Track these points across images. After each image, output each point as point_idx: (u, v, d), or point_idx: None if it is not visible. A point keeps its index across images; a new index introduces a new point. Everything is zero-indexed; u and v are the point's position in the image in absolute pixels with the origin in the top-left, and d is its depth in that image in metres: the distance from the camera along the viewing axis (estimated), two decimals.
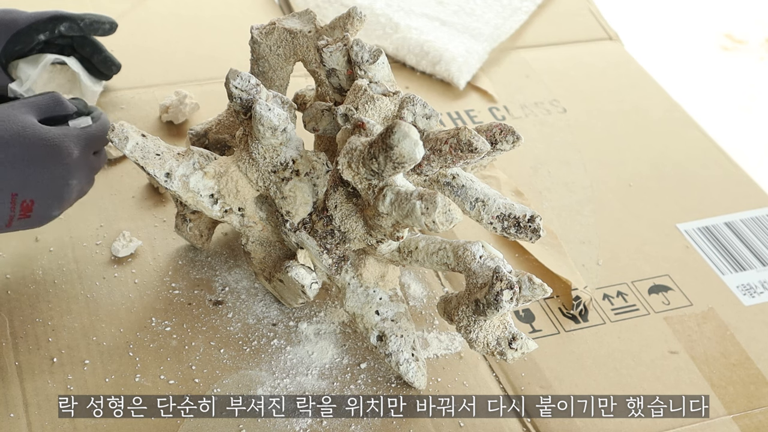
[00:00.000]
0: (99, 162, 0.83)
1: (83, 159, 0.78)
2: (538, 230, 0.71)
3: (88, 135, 0.79)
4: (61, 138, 0.77)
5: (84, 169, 0.79)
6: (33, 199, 0.75)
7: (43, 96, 0.80)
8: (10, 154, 0.74)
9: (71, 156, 0.77)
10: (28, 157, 0.75)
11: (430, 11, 1.23)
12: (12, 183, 0.74)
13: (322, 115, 0.77)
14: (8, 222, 0.76)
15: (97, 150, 0.81)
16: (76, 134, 0.78)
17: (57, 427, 0.71)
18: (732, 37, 2.06)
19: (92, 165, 0.81)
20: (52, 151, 0.76)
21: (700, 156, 1.10)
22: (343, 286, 0.77)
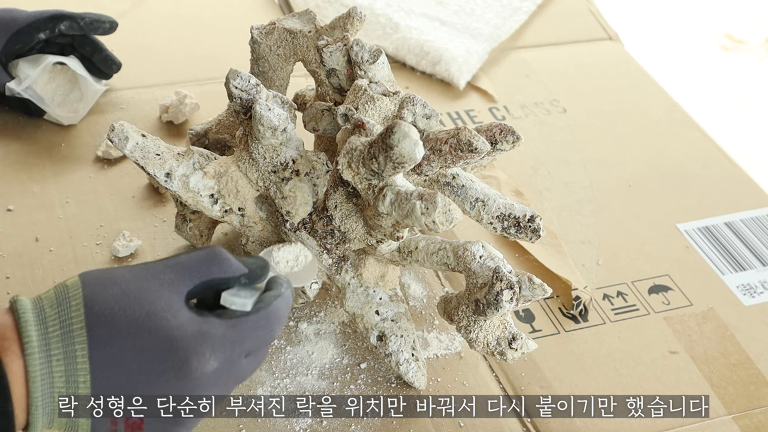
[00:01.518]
0: (252, 366, 0.59)
1: (224, 371, 0.56)
2: (538, 230, 0.71)
3: (239, 334, 0.56)
4: (195, 340, 0.54)
5: (223, 384, 0.56)
6: (142, 419, 0.55)
7: (200, 253, 0.58)
8: (115, 351, 0.53)
9: (203, 369, 0.54)
10: (140, 362, 0.54)
11: (430, 11, 1.23)
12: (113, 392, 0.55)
13: (322, 115, 0.77)
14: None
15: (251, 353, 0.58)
16: (221, 335, 0.55)
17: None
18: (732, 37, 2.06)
19: (237, 375, 0.58)
20: (177, 359, 0.54)
21: (700, 156, 1.10)
22: (343, 286, 0.77)
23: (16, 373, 0.53)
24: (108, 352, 0.53)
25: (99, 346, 0.53)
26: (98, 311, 0.54)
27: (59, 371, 0.53)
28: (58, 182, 0.93)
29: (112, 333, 0.53)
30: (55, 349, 0.53)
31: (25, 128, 0.99)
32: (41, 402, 0.53)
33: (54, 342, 0.53)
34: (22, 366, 0.53)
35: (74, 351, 0.53)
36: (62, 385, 0.53)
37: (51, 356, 0.53)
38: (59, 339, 0.53)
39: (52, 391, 0.53)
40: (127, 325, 0.53)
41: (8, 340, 0.53)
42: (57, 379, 0.53)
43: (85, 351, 0.53)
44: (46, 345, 0.53)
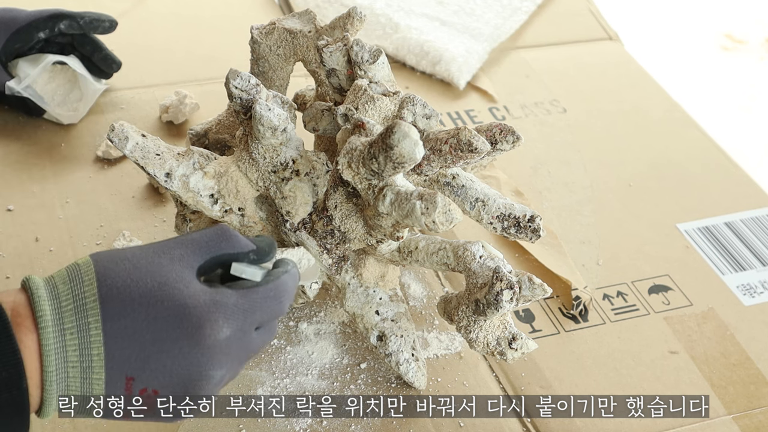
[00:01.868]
0: (263, 339, 0.59)
1: (237, 340, 0.56)
2: (538, 230, 0.71)
3: (251, 303, 0.56)
4: (208, 308, 0.54)
5: (235, 354, 0.56)
6: (156, 389, 0.55)
7: (209, 231, 0.59)
8: (129, 322, 0.53)
9: (216, 336, 0.54)
10: (154, 331, 0.54)
11: (430, 11, 1.23)
12: (128, 362, 0.54)
13: (322, 115, 0.76)
14: (122, 411, 0.56)
15: (262, 325, 0.58)
16: (233, 303, 0.55)
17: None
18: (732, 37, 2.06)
19: (249, 347, 0.58)
20: (190, 325, 0.54)
21: (700, 156, 1.10)
22: (343, 286, 0.77)
23: (29, 347, 0.53)
24: (121, 324, 0.53)
25: (112, 318, 0.53)
26: (110, 284, 0.54)
27: (73, 344, 0.53)
28: (58, 182, 0.93)
29: (125, 304, 0.53)
30: (69, 323, 0.53)
31: (25, 128, 0.99)
32: (55, 377, 0.53)
33: (67, 316, 0.53)
34: (36, 340, 0.53)
35: (87, 324, 0.53)
36: (76, 358, 0.53)
37: (64, 330, 0.53)
38: (72, 312, 0.53)
39: (66, 365, 0.53)
40: (139, 296, 0.54)
41: (21, 316, 0.53)
42: (71, 352, 0.53)
43: (99, 323, 0.53)
44: (59, 319, 0.53)
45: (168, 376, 0.54)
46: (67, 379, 0.54)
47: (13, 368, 0.51)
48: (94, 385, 0.54)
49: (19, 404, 0.52)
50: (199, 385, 0.55)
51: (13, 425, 0.53)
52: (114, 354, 0.53)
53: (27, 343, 0.53)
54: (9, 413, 0.52)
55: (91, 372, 0.54)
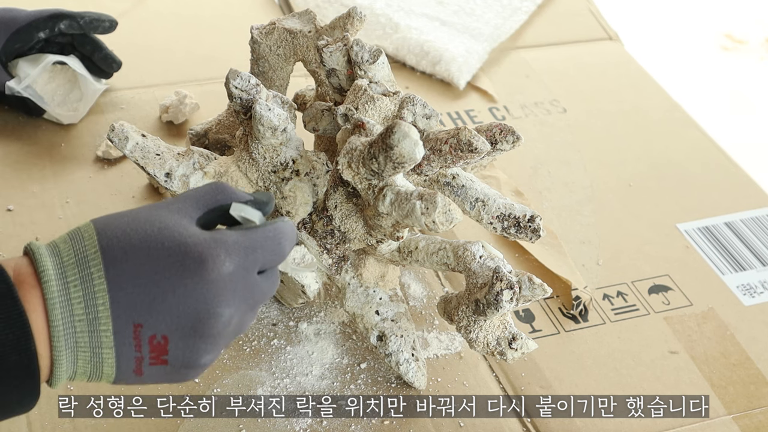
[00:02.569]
0: (268, 285, 0.58)
1: (241, 278, 0.55)
2: (538, 230, 0.71)
3: (251, 242, 0.56)
4: (209, 245, 0.54)
5: (241, 293, 0.55)
6: (166, 335, 0.53)
7: (205, 186, 0.59)
8: (131, 266, 0.53)
9: (220, 270, 0.54)
10: (157, 271, 0.53)
11: (430, 11, 1.23)
12: (134, 308, 0.53)
13: (322, 115, 0.76)
14: (136, 367, 0.54)
15: (264, 268, 0.57)
16: (233, 240, 0.55)
17: (57, 427, 0.71)
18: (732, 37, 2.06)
19: (254, 289, 0.56)
20: (192, 261, 0.53)
21: (700, 156, 1.10)
22: (343, 286, 0.77)
23: (33, 303, 0.52)
24: (123, 269, 0.53)
25: (114, 265, 0.53)
26: (110, 235, 0.54)
27: (77, 297, 0.52)
28: (58, 182, 0.93)
29: (125, 250, 0.53)
30: (71, 276, 0.52)
31: (25, 128, 0.99)
32: (63, 332, 0.52)
33: (69, 269, 0.53)
34: (40, 296, 0.52)
35: (90, 274, 0.52)
36: (81, 311, 0.52)
37: (68, 283, 0.52)
38: (74, 266, 0.53)
39: (72, 319, 0.52)
40: (139, 241, 0.53)
41: (24, 275, 0.52)
42: (76, 305, 0.52)
43: (101, 272, 0.52)
44: (62, 273, 0.53)
45: (176, 316, 0.53)
46: (75, 335, 0.52)
47: (19, 329, 0.50)
48: (102, 338, 0.53)
49: (29, 367, 0.51)
50: (209, 324, 0.54)
51: (23, 390, 0.52)
52: (119, 300, 0.52)
53: (31, 300, 0.52)
54: (19, 376, 0.51)
55: (98, 323, 0.52)
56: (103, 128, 1.00)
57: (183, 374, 0.56)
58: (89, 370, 0.54)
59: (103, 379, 0.55)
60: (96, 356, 0.53)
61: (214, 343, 0.55)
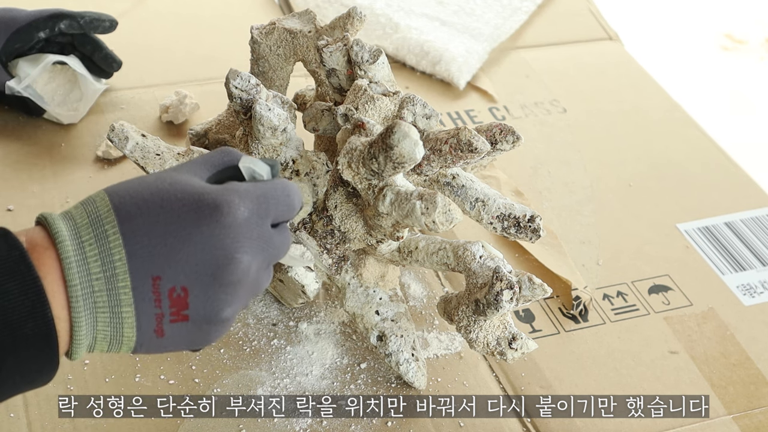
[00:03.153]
0: (281, 240, 0.57)
1: (256, 225, 0.54)
2: (538, 230, 0.71)
3: (262, 191, 0.55)
4: (221, 192, 0.54)
5: (257, 242, 0.54)
6: (185, 286, 0.52)
7: (212, 151, 0.59)
8: (145, 219, 0.52)
9: (235, 214, 0.53)
10: (171, 221, 0.52)
11: (430, 11, 1.23)
12: (151, 260, 0.52)
13: (322, 115, 0.77)
14: (157, 326, 0.53)
15: (277, 222, 0.56)
16: (244, 189, 0.55)
17: (57, 427, 0.71)
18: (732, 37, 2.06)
19: (269, 241, 0.55)
20: (207, 208, 0.53)
21: (700, 156, 1.10)
22: (343, 286, 0.77)
23: (48, 265, 0.51)
24: (137, 223, 0.52)
25: (128, 219, 0.52)
26: (122, 194, 0.53)
27: (93, 255, 0.51)
28: (58, 182, 0.93)
29: (138, 205, 0.52)
30: (86, 235, 0.52)
31: (25, 128, 0.99)
32: (81, 292, 0.51)
33: (83, 230, 0.52)
34: (56, 258, 0.51)
35: (104, 231, 0.52)
36: (98, 270, 0.51)
37: (83, 242, 0.51)
38: (88, 226, 0.52)
39: (90, 279, 0.51)
40: (151, 195, 0.53)
41: (36, 239, 0.52)
42: (92, 264, 0.51)
43: (116, 227, 0.52)
44: (76, 234, 0.52)
45: (194, 265, 0.52)
46: (93, 295, 0.51)
47: (35, 296, 0.49)
48: (120, 295, 0.51)
49: (47, 335, 0.50)
50: (228, 270, 0.53)
51: (42, 360, 0.50)
52: (136, 254, 0.51)
53: (45, 262, 0.51)
54: (37, 344, 0.50)
55: (116, 280, 0.51)
56: (103, 128, 1.00)
57: (205, 332, 0.54)
58: (109, 335, 0.52)
59: (124, 346, 0.53)
60: (116, 317, 0.52)
61: (234, 292, 0.54)
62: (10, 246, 0.50)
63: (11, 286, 0.49)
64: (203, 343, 0.55)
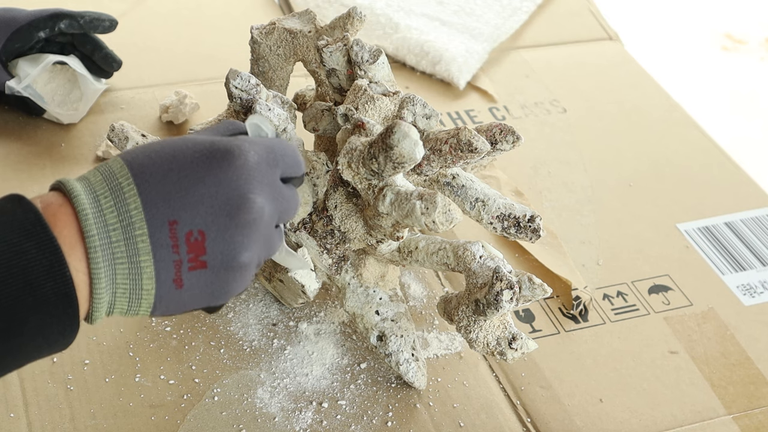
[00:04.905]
0: (291, 195, 0.58)
1: (266, 172, 0.55)
2: (538, 230, 0.71)
3: (270, 143, 0.57)
4: (231, 139, 0.55)
5: (268, 189, 0.55)
6: (202, 229, 0.53)
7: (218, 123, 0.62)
8: (158, 167, 0.53)
9: (246, 157, 0.54)
10: (184, 167, 0.53)
11: (430, 11, 1.23)
12: (167, 204, 0.52)
13: (322, 115, 0.77)
14: (176, 274, 0.53)
15: (286, 176, 0.58)
16: (252, 140, 0.56)
17: (57, 427, 0.71)
18: (732, 37, 2.06)
19: (280, 191, 0.56)
20: (218, 152, 0.54)
21: (700, 156, 1.10)
22: (343, 286, 0.77)
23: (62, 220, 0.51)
24: (151, 173, 0.53)
25: (142, 171, 0.53)
26: (134, 152, 0.54)
27: (109, 206, 0.52)
28: None
29: (150, 156, 0.53)
30: (101, 190, 0.52)
31: (25, 128, 0.99)
32: (99, 242, 0.51)
33: (98, 186, 0.53)
34: (71, 214, 0.51)
35: (119, 184, 0.52)
36: (115, 220, 0.52)
37: (98, 196, 0.52)
38: (102, 182, 0.53)
39: (107, 229, 0.51)
40: (162, 147, 0.54)
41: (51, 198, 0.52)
42: (109, 215, 0.52)
43: (130, 179, 0.52)
44: (91, 190, 0.52)
45: (209, 206, 0.53)
46: (111, 246, 0.51)
47: (52, 255, 0.50)
48: (138, 244, 0.52)
49: (66, 294, 0.50)
50: (244, 210, 0.53)
51: (63, 321, 0.50)
52: (151, 200, 0.52)
53: (61, 218, 0.51)
54: (57, 304, 0.50)
55: (133, 229, 0.52)
56: (103, 128, 1.00)
57: (223, 280, 0.54)
58: (128, 289, 0.52)
59: (143, 302, 0.53)
60: (134, 267, 0.52)
61: (250, 234, 0.54)
62: (25, 209, 0.50)
63: (29, 246, 0.49)
64: (222, 294, 0.55)
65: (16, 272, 0.49)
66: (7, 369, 0.52)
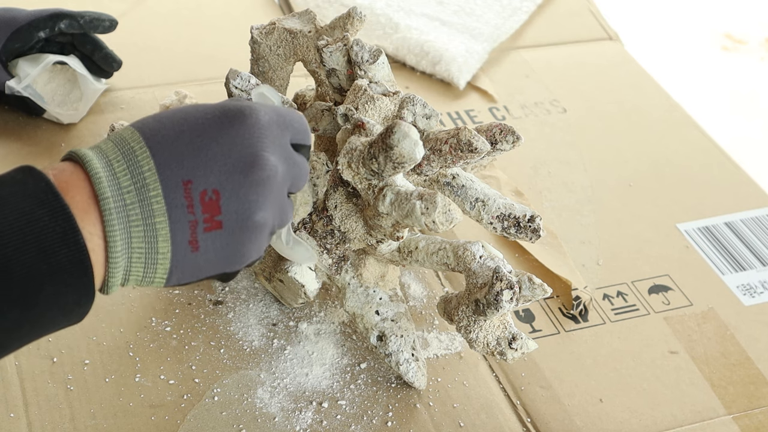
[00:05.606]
0: (302, 161, 0.58)
1: (277, 133, 0.56)
2: (538, 230, 0.71)
3: (278, 109, 0.57)
4: (242, 102, 0.56)
5: (280, 149, 0.56)
6: (216, 188, 0.52)
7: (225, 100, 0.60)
8: (170, 130, 0.53)
9: (258, 116, 0.55)
10: (197, 127, 0.53)
11: (430, 11, 1.23)
12: (180, 164, 0.52)
13: (322, 115, 0.77)
14: (191, 235, 0.52)
15: (295, 142, 0.58)
16: (261, 103, 0.57)
17: (57, 427, 0.71)
18: (732, 37, 2.06)
19: (291, 155, 0.57)
20: (230, 112, 0.54)
21: (700, 156, 1.10)
22: (343, 286, 0.77)
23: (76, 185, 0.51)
24: (163, 135, 0.53)
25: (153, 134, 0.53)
26: (144, 120, 0.54)
27: (122, 170, 0.52)
28: None
29: (161, 122, 0.53)
30: (113, 154, 0.52)
31: (25, 128, 0.99)
32: (113, 204, 0.51)
33: (110, 152, 0.52)
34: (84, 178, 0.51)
35: (131, 148, 0.52)
36: (129, 183, 0.51)
37: (110, 161, 0.52)
38: (114, 147, 0.53)
39: (121, 192, 0.51)
40: (173, 113, 0.54)
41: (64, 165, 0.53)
42: (122, 178, 0.51)
43: (141, 142, 0.52)
44: (103, 155, 0.52)
45: (222, 165, 0.52)
46: (125, 208, 0.51)
47: (65, 222, 0.49)
48: (153, 205, 0.51)
49: (80, 261, 0.49)
50: (257, 167, 0.53)
51: (78, 289, 0.50)
52: (164, 162, 0.52)
53: (75, 183, 0.51)
54: (72, 271, 0.49)
55: (147, 190, 0.51)
56: (103, 128, 1.00)
57: (239, 241, 0.54)
58: (144, 253, 0.52)
59: (159, 268, 0.53)
60: (150, 229, 0.52)
61: (264, 193, 0.54)
62: (36, 178, 0.51)
63: (41, 214, 0.49)
64: (238, 258, 0.55)
65: (29, 239, 0.48)
66: (23, 340, 0.51)
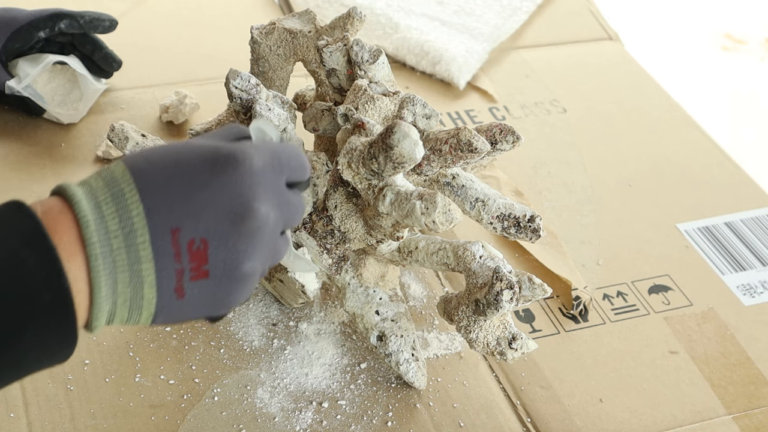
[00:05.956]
0: (297, 200, 0.57)
1: (271, 177, 0.54)
2: (538, 230, 0.71)
3: (275, 148, 0.56)
4: (235, 146, 0.54)
5: (273, 195, 0.54)
6: (204, 237, 0.51)
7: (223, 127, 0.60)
8: (161, 173, 0.52)
9: (251, 163, 0.53)
10: (187, 173, 0.52)
11: (430, 11, 1.23)
12: (170, 211, 0.51)
13: (322, 115, 0.77)
14: (177, 283, 0.52)
15: (291, 181, 0.56)
16: (256, 146, 0.55)
17: (57, 427, 0.71)
18: (732, 37, 2.06)
19: (285, 198, 0.55)
20: (222, 158, 0.52)
21: (700, 156, 1.10)
22: (343, 286, 0.77)
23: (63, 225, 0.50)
24: (154, 179, 0.51)
25: (144, 176, 0.52)
26: (136, 157, 0.53)
27: (111, 213, 0.51)
28: (58, 182, 0.93)
29: (153, 162, 0.52)
30: (102, 195, 0.51)
31: (25, 128, 0.99)
32: (100, 249, 0.50)
33: (100, 192, 0.51)
34: (72, 220, 0.50)
35: (121, 190, 0.51)
36: (116, 227, 0.50)
37: (99, 203, 0.51)
38: (104, 187, 0.52)
39: (108, 236, 0.50)
40: (166, 153, 0.53)
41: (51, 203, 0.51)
42: (110, 221, 0.50)
43: (132, 185, 0.51)
44: (92, 195, 0.51)
45: (212, 213, 0.51)
46: (112, 253, 0.50)
47: (50, 264, 0.48)
48: (140, 251, 0.50)
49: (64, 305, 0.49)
50: (247, 218, 0.52)
51: (61, 332, 0.49)
52: (154, 207, 0.51)
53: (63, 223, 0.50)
54: (55, 314, 0.48)
55: (135, 236, 0.50)
56: (103, 128, 1.00)
57: (225, 290, 0.53)
58: (129, 297, 0.51)
59: (144, 311, 0.52)
60: (135, 275, 0.51)
61: (253, 243, 0.52)
62: (24, 215, 0.50)
63: (27, 254, 0.48)
64: (224, 305, 0.54)
65: (15, 280, 0.48)
66: (6, 381, 0.51)
